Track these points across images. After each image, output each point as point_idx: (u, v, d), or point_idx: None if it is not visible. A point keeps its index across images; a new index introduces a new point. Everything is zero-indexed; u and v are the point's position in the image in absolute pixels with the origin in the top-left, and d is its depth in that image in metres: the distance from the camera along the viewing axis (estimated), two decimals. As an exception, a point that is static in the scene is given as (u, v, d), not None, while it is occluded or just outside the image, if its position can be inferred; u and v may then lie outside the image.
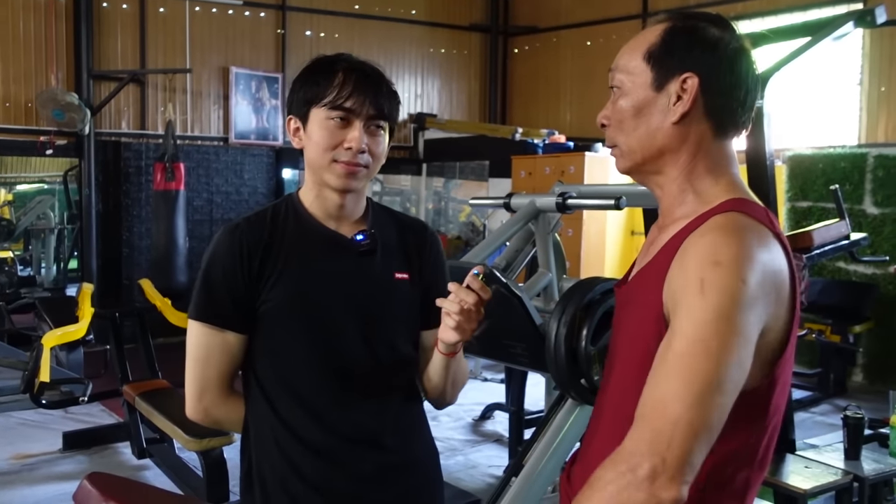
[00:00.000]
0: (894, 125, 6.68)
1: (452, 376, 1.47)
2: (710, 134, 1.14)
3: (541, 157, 7.57)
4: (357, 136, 1.39)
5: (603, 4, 8.72)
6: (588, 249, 6.98)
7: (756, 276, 1.00)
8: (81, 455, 4.47)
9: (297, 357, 1.41)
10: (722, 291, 0.98)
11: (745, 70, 1.14)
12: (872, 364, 6.42)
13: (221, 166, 8.01)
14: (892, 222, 6.29)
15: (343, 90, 1.39)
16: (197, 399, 1.43)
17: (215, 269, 1.42)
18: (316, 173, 1.44)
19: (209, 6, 7.91)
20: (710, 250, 1.01)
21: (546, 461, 2.53)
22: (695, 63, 1.11)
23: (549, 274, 3.34)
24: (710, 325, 0.98)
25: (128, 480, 2.51)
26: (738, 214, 1.07)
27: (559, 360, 2.32)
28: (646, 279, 1.13)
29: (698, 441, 0.95)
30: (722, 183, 1.14)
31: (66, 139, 7.26)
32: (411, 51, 9.16)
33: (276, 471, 1.42)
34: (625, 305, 1.21)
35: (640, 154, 1.16)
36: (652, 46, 1.14)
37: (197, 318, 1.42)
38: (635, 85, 1.14)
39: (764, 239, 1.05)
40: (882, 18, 4.03)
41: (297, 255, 1.43)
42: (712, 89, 1.12)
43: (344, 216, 1.47)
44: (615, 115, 1.17)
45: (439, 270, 1.56)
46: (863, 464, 2.94)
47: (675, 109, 1.12)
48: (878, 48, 6.74)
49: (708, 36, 1.13)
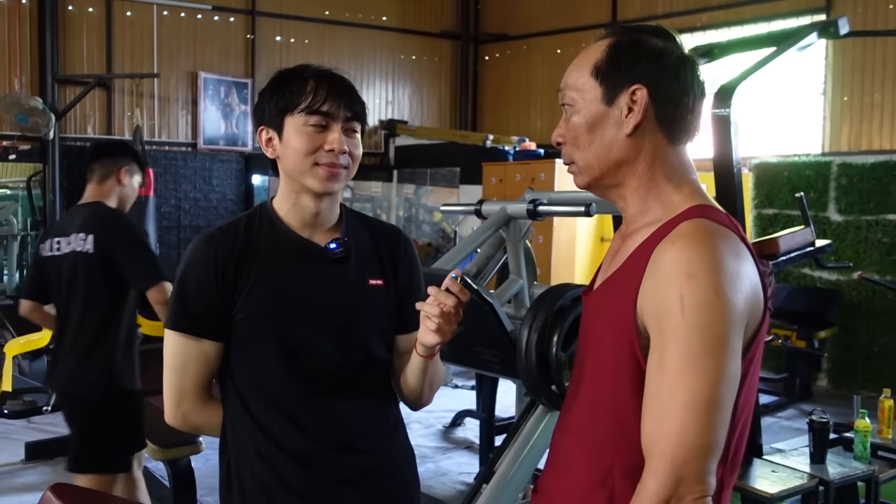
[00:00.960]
0: (857, 134, 6.83)
1: (430, 378, 1.49)
2: (664, 142, 1.16)
3: (511, 164, 7.60)
4: (338, 138, 1.42)
5: (573, 13, 8.80)
6: (558, 256, 7.02)
7: (729, 283, 1.02)
8: (44, 466, 4.38)
9: (273, 365, 1.42)
10: (701, 308, 1.00)
11: (690, 77, 1.16)
12: (837, 369, 6.53)
13: (189, 172, 7.93)
14: (855, 229, 6.41)
15: (318, 95, 1.42)
16: (175, 406, 1.46)
17: (190, 280, 1.43)
18: (295, 180, 1.45)
19: (177, 10, 7.84)
20: (682, 260, 1.03)
21: (517, 468, 2.53)
22: (641, 74, 1.14)
23: (520, 280, 3.35)
24: (697, 346, 1.00)
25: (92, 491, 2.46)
26: (704, 220, 1.09)
27: (530, 366, 2.33)
28: (614, 289, 1.14)
29: (713, 462, 1.01)
30: (684, 190, 1.16)
31: (30, 144, 7.13)
32: (382, 57, 9.16)
33: (255, 475, 1.43)
34: (592, 315, 1.22)
35: (598, 168, 1.18)
36: (598, 62, 1.16)
37: (173, 328, 1.44)
38: (586, 101, 1.17)
39: (732, 243, 1.07)
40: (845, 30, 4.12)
41: (271, 265, 1.44)
42: (661, 98, 1.14)
43: (318, 223, 1.49)
44: (569, 132, 1.19)
45: (414, 275, 1.57)
46: (828, 467, 2.98)
47: (628, 121, 1.14)
48: (840, 59, 6.89)
49: (651, 47, 1.15)
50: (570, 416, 1.23)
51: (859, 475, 3.01)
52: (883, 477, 3.10)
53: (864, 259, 6.33)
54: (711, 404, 0.99)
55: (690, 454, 0.99)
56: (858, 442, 3.09)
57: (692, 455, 0.99)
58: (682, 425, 0.99)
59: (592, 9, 8.62)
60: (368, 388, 1.49)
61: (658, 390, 1.02)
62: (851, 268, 6.18)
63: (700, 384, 0.99)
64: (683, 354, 1.00)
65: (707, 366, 0.99)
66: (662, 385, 1.01)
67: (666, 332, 1.02)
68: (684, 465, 0.99)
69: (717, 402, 0.99)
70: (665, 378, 1.01)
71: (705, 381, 0.99)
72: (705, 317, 1.00)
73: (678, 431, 0.99)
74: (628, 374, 1.09)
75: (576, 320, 2.32)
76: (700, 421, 0.99)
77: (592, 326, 1.20)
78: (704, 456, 0.99)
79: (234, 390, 1.46)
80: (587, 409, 1.17)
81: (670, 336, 1.01)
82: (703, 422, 0.99)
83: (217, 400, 1.50)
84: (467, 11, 9.60)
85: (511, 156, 7.78)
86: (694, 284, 1.00)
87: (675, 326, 1.01)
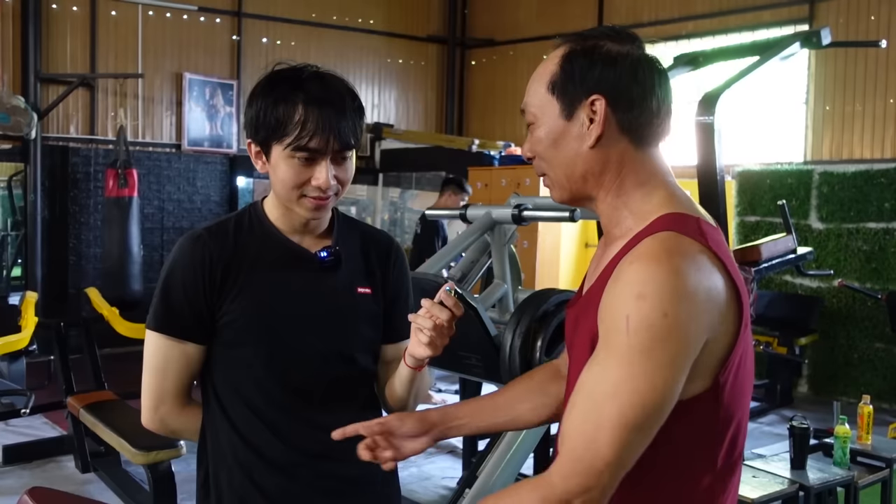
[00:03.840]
0: (838, 143, 6.90)
1: (416, 388, 1.48)
2: (630, 149, 1.13)
3: (497, 169, 7.62)
4: (324, 176, 1.35)
5: (559, 19, 8.84)
6: (543, 261, 7.03)
7: (681, 305, 1.00)
8: (22, 469, 4.33)
9: (255, 370, 1.40)
10: (646, 330, 0.99)
11: (652, 78, 1.12)
12: (817, 375, 6.58)
13: (173, 173, 7.88)
14: (836, 237, 6.48)
15: (305, 129, 1.32)
16: (153, 409, 1.42)
17: (175, 280, 1.39)
18: (284, 202, 1.41)
19: (163, 11, 7.79)
20: (635, 281, 1.01)
21: (500, 472, 2.53)
22: (597, 83, 1.10)
23: (505, 285, 3.36)
24: (636, 367, 1.00)
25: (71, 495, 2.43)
26: (669, 235, 1.05)
27: (514, 370, 2.33)
28: (589, 302, 1.14)
29: (615, 479, 1.01)
30: (655, 197, 1.13)
31: (11, 143, 7.06)
32: (368, 60, 9.15)
33: (234, 481, 1.41)
34: (573, 325, 1.21)
35: (567, 182, 1.16)
36: (553, 76, 1.13)
37: (155, 329, 1.40)
38: (546, 117, 1.14)
39: (692, 258, 1.03)
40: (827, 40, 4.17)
41: (260, 269, 1.41)
42: (621, 105, 1.10)
43: (309, 230, 1.46)
44: (535, 149, 1.18)
45: (403, 284, 1.55)
46: (808, 473, 3.01)
47: (589, 134, 1.11)
48: (823, 68, 6.96)
49: (606, 53, 1.11)
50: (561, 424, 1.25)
51: (839, 481, 3.04)
52: (862, 482, 3.13)
53: (845, 266, 6.39)
54: (636, 426, 1.00)
55: (601, 466, 1.00)
56: (838, 448, 3.12)
57: (603, 467, 1.00)
58: (601, 435, 1.00)
59: (579, 15, 8.67)
60: (351, 396, 1.46)
61: (590, 392, 1.03)
62: (832, 275, 6.24)
63: (631, 405, 0.99)
64: (623, 372, 1.00)
65: (643, 387, 0.99)
66: (596, 389, 1.02)
67: (610, 346, 1.02)
68: (588, 474, 1.00)
69: (641, 425, 1.00)
70: (600, 384, 1.02)
71: (637, 402, 0.99)
72: (649, 340, 0.99)
73: (595, 439, 1.00)
74: None
75: (560, 325, 2.33)
76: (621, 438, 0.99)
77: (573, 337, 1.20)
78: (612, 473, 1.00)
79: (214, 395, 1.43)
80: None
81: (613, 351, 1.02)
82: (622, 439, 0.99)
83: (196, 404, 1.46)
84: (454, 16, 9.62)
85: (497, 161, 7.80)
86: (642, 305, 0.99)
87: (619, 345, 1.01)
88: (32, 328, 4.91)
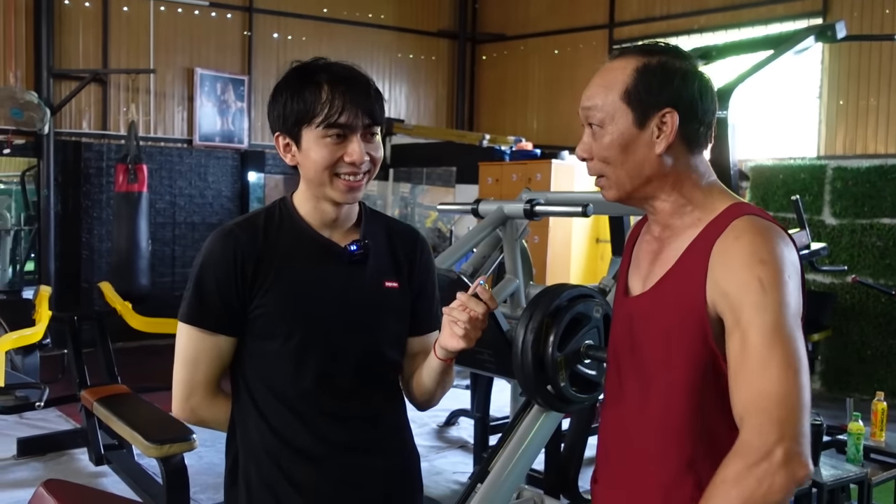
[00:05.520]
0: (852, 138, 6.84)
1: (444, 381, 1.50)
2: (688, 154, 1.27)
3: (508, 164, 7.60)
4: (358, 149, 1.39)
5: (570, 14, 8.80)
6: (554, 256, 7.02)
7: (791, 269, 1.16)
8: (37, 462, 4.37)
9: (286, 363, 1.42)
10: (779, 286, 1.12)
11: (710, 94, 1.27)
12: (830, 372, 6.55)
13: (185, 168, 7.90)
14: (849, 233, 6.43)
15: (334, 106, 1.37)
16: (185, 399, 1.45)
17: (208, 275, 1.42)
18: (317, 189, 1.44)
19: (174, 6, 7.81)
20: (753, 250, 1.14)
21: (512, 467, 2.53)
22: (671, 98, 1.23)
23: (517, 280, 3.35)
24: (782, 318, 1.11)
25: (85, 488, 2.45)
26: (754, 217, 1.20)
27: (526, 366, 2.33)
28: (676, 286, 1.23)
29: (807, 418, 1.09)
30: (714, 192, 1.28)
31: (25, 138, 7.09)
32: (379, 56, 9.14)
33: (262, 471, 1.43)
34: (644, 316, 1.28)
35: (630, 184, 1.27)
36: (628, 86, 1.24)
37: (188, 322, 1.43)
38: (617, 124, 1.24)
39: (783, 236, 1.19)
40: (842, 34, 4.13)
41: (290, 263, 1.44)
42: (688, 118, 1.24)
43: (338, 224, 1.48)
44: (600, 152, 1.27)
45: (429, 278, 1.58)
46: (821, 470, 2.99)
47: (659, 143, 1.24)
48: (836, 62, 6.91)
49: (678, 70, 1.24)
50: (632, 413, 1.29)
51: (852, 477, 3.02)
52: (875, 479, 3.11)
53: (858, 262, 6.35)
54: (800, 365, 1.09)
55: (791, 413, 1.06)
56: (851, 444, 3.10)
57: (793, 414, 1.06)
58: (783, 387, 1.07)
59: (590, 10, 8.63)
60: (379, 390, 1.49)
61: (748, 362, 1.11)
62: (846, 271, 6.20)
63: (791, 350, 1.09)
64: (770, 326, 1.10)
65: (794, 333, 1.11)
66: (752, 357, 1.10)
67: (746, 309, 1.12)
68: (786, 424, 1.06)
69: (803, 363, 1.09)
70: (753, 350, 1.10)
71: (793, 347, 1.10)
72: (784, 294, 1.12)
73: (779, 393, 1.07)
74: (703, 364, 1.19)
75: (572, 320, 2.32)
76: (797, 382, 1.08)
77: (646, 327, 1.27)
78: (803, 411, 1.07)
79: (245, 385, 1.46)
80: (660, 404, 1.24)
81: (752, 312, 1.11)
82: (799, 383, 1.08)
83: (226, 395, 1.49)
84: (465, 11, 9.59)
85: (507, 156, 7.78)
86: (768, 268, 1.13)
87: (757, 303, 1.11)
88: (46, 322, 4.94)
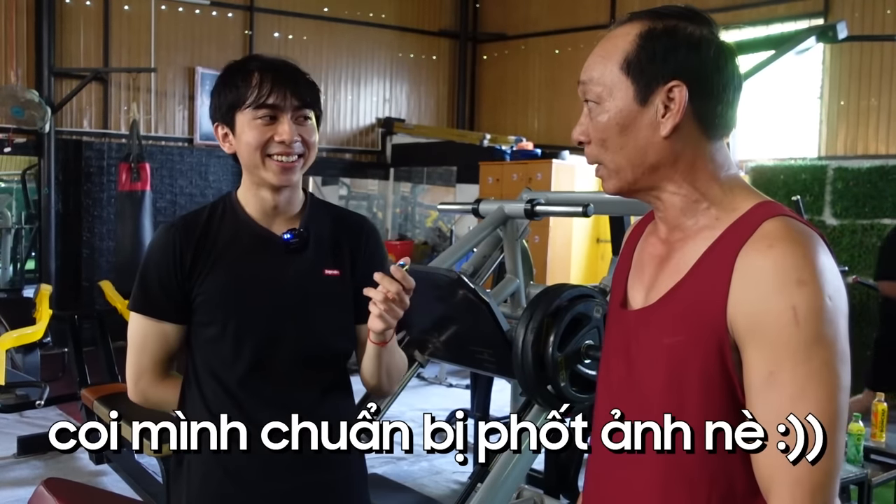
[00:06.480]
0: (853, 138, 6.84)
1: (386, 366, 1.52)
2: (704, 139, 1.04)
3: (508, 164, 7.60)
4: (287, 129, 1.44)
5: (571, 13, 8.79)
6: (554, 256, 7.02)
7: (834, 286, 0.95)
8: (37, 460, 4.37)
9: (224, 349, 1.48)
10: (818, 318, 0.92)
11: (732, 67, 1.04)
12: (830, 372, 6.54)
13: (186, 167, 7.90)
14: (850, 233, 6.43)
15: (263, 88, 1.44)
16: (134, 383, 1.55)
17: (151, 266, 1.51)
18: (253, 174, 1.49)
19: (175, 5, 7.81)
20: (788, 266, 0.93)
21: (512, 467, 2.53)
22: (679, 68, 1.01)
23: (517, 280, 3.35)
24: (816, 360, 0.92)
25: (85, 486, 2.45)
26: (788, 220, 0.98)
27: (526, 365, 2.33)
28: (689, 301, 1.01)
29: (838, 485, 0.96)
30: (735, 188, 1.05)
31: (26, 137, 7.10)
32: (380, 55, 9.14)
33: (200, 452, 1.48)
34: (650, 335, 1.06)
35: (632, 173, 1.05)
36: (629, 55, 1.03)
37: (135, 310, 1.53)
38: (616, 99, 1.03)
39: (822, 244, 0.97)
40: (843, 34, 4.13)
41: (228, 253, 1.50)
42: (702, 94, 1.02)
43: (279, 214, 1.53)
44: (596, 132, 1.06)
45: (374, 265, 1.57)
46: (821, 470, 2.99)
47: (665, 123, 1.01)
48: (837, 63, 6.90)
49: (689, 35, 1.02)
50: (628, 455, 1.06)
51: (852, 478, 3.02)
52: (876, 480, 3.11)
53: (860, 263, 6.35)
54: (838, 422, 0.92)
55: (824, 479, 0.91)
56: (851, 445, 3.10)
57: (826, 480, 0.91)
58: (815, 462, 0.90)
59: (591, 9, 8.62)
60: (321, 378, 1.52)
61: (774, 411, 0.93)
62: (846, 271, 6.19)
63: (826, 401, 0.91)
64: (803, 369, 0.91)
65: (830, 378, 0.91)
66: (780, 404, 0.92)
67: (778, 345, 0.93)
68: (820, 492, 0.91)
69: (841, 418, 0.92)
70: (782, 396, 0.92)
71: (829, 396, 0.91)
72: (822, 327, 0.92)
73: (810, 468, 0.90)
74: (720, 392, 0.98)
75: (572, 320, 2.32)
76: (831, 441, 0.90)
77: (648, 348, 1.06)
78: (836, 479, 0.93)
79: (192, 369, 1.52)
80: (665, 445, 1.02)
81: (784, 351, 0.92)
82: (832, 442, 0.90)
83: (174, 378, 1.57)
84: (466, 11, 9.59)
85: (508, 155, 7.78)
86: (805, 292, 0.92)
87: (790, 340, 0.92)
88: (47, 321, 4.94)
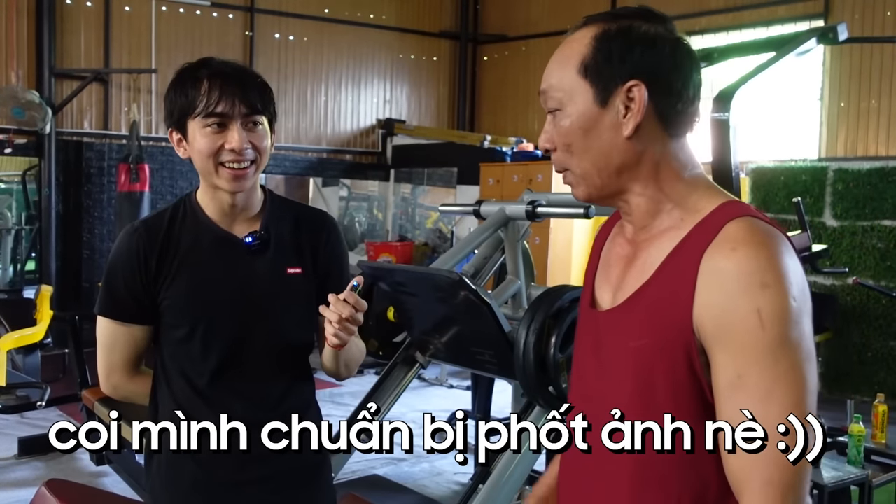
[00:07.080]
0: (853, 140, 6.84)
1: (344, 361, 1.58)
2: (666, 137, 1.05)
3: (509, 165, 7.60)
4: (237, 137, 1.46)
5: (571, 15, 8.77)
6: (555, 257, 7.02)
7: (798, 287, 0.95)
8: (38, 461, 4.36)
9: (192, 350, 1.52)
10: (782, 320, 0.93)
11: (689, 63, 1.05)
12: (831, 373, 6.54)
13: (186, 168, 7.90)
14: (850, 235, 6.43)
15: (211, 97, 1.46)
16: (106, 378, 1.59)
17: (115, 271, 1.54)
18: (208, 179, 1.52)
19: (176, 6, 7.81)
20: (750, 270, 0.94)
21: (513, 469, 2.53)
22: (636, 68, 1.01)
23: (518, 281, 3.35)
24: (783, 361, 0.93)
25: (87, 487, 2.46)
26: (752, 220, 0.99)
27: (528, 367, 2.33)
28: (655, 303, 1.01)
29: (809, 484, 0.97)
30: (699, 187, 1.06)
31: (26, 138, 7.10)
32: (380, 56, 9.14)
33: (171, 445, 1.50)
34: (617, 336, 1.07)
35: (598, 177, 1.06)
36: (585, 58, 1.03)
37: (101, 314, 1.56)
38: (576, 103, 1.04)
39: (786, 244, 0.98)
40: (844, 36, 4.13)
41: (191, 256, 1.53)
42: (661, 92, 1.02)
43: (238, 214, 1.56)
44: (560, 138, 1.06)
45: (334, 261, 1.63)
46: (822, 471, 2.99)
47: (627, 123, 1.02)
48: (838, 64, 6.90)
49: (644, 34, 1.03)
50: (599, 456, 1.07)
51: (853, 479, 3.02)
52: (876, 481, 3.11)
53: (860, 264, 6.35)
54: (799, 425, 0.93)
55: (795, 479, 0.92)
56: (852, 446, 3.10)
57: (797, 480, 0.92)
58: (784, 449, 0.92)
59: (591, 11, 8.50)
60: (284, 370, 1.57)
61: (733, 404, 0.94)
62: (847, 273, 6.20)
63: (794, 404, 0.92)
64: (771, 373, 0.92)
65: (797, 380, 0.92)
66: (749, 407, 0.93)
67: (744, 349, 0.93)
68: (791, 492, 0.92)
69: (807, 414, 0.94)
70: (752, 399, 0.93)
71: (798, 398, 0.92)
72: (788, 329, 0.92)
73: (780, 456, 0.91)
74: (689, 394, 0.99)
75: (573, 322, 2.32)
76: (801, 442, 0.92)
77: (616, 349, 1.06)
78: (806, 479, 0.93)
79: (162, 366, 1.57)
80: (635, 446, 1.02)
81: (750, 354, 0.93)
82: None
83: (145, 373, 1.61)
84: (466, 12, 9.59)
85: (508, 157, 7.78)
86: (769, 294, 0.92)
87: (756, 343, 0.93)
88: (47, 321, 4.95)
